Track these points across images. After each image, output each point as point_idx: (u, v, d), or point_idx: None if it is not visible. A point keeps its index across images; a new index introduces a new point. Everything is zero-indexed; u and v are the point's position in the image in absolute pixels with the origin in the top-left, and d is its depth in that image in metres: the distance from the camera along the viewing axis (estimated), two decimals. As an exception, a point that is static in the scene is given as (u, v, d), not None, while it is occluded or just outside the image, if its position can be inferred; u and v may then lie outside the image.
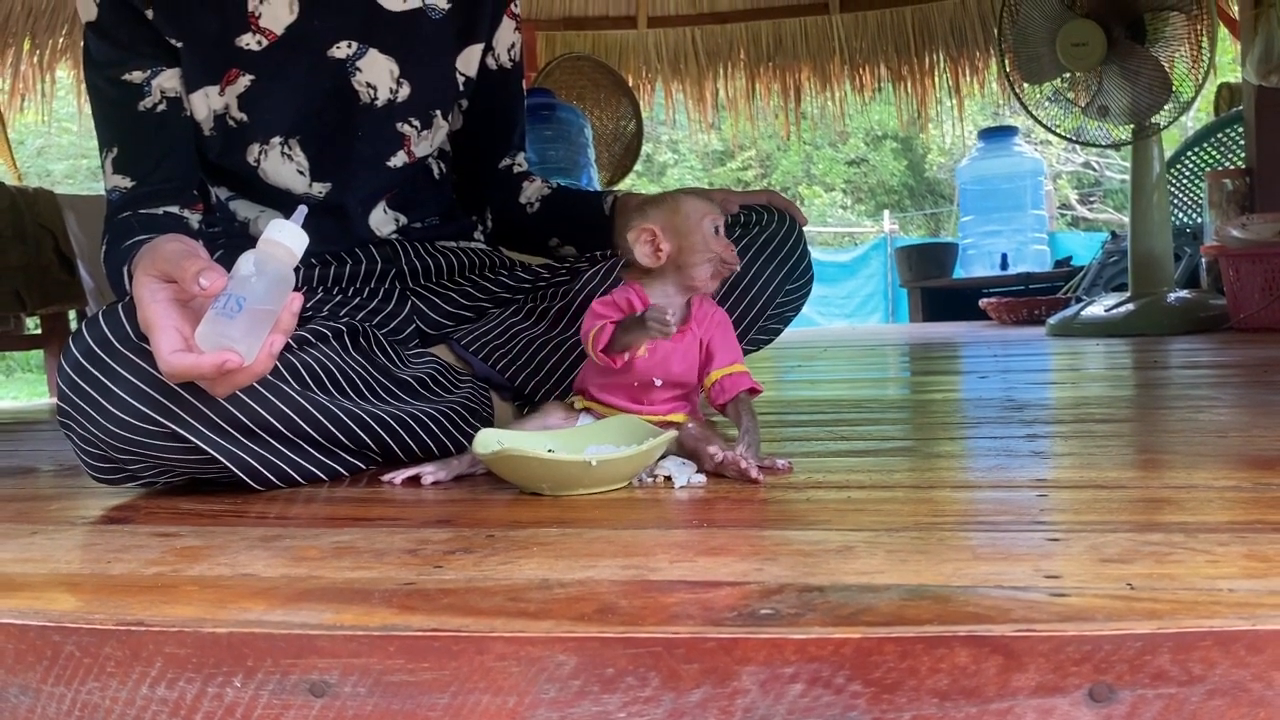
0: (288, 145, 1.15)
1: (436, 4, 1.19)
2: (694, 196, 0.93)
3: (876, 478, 0.86)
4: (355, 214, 1.20)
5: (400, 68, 1.17)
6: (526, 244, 1.38)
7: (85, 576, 0.64)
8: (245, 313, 0.76)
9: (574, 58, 4.74)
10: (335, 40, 1.13)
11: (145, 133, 1.10)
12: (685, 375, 0.92)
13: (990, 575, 0.54)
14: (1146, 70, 2.88)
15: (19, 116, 4.43)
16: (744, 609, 0.50)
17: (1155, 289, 3.03)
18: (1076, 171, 14.30)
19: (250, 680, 0.50)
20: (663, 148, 14.35)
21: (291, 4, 1.11)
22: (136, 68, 1.08)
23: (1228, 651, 0.44)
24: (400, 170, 1.21)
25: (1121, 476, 0.81)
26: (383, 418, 1.00)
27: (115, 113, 1.10)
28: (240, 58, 1.11)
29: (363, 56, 1.15)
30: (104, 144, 1.11)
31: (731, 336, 0.93)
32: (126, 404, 0.84)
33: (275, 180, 1.16)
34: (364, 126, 1.17)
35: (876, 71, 5.23)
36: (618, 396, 0.93)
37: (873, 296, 9.65)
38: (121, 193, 1.09)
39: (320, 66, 1.14)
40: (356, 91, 1.15)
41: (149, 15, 1.07)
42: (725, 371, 0.91)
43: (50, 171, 11.86)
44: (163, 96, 1.09)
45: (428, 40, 1.19)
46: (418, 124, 1.20)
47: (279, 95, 1.12)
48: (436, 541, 0.69)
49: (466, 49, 1.23)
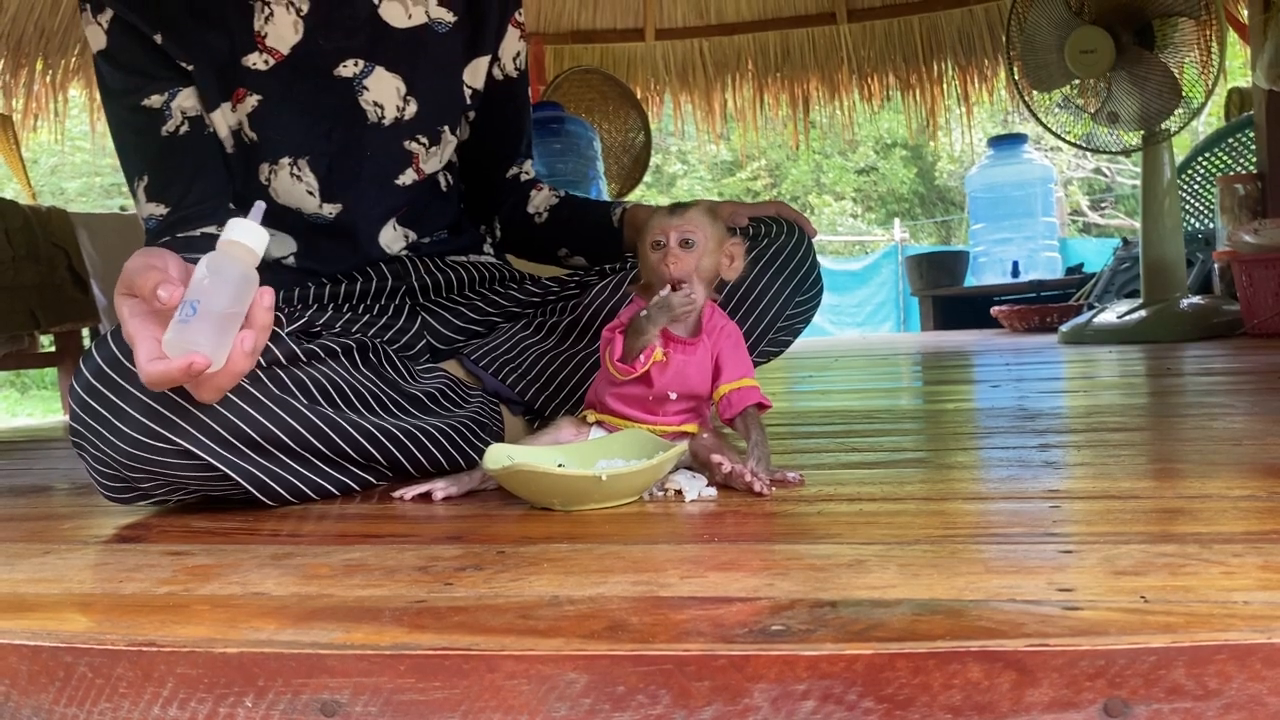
0: (296, 166, 1.14)
1: (442, 17, 1.19)
2: (662, 212, 0.94)
3: (888, 490, 0.85)
4: (365, 233, 1.20)
5: (407, 85, 1.17)
6: (535, 254, 1.38)
7: (98, 596, 0.64)
8: (202, 316, 0.75)
9: (582, 71, 4.76)
10: (341, 59, 1.13)
11: (173, 157, 1.10)
12: (700, 387, 0.92)
13: (1003, 589, 0.53)
14: (1155, 76, 2.88)
15: (32, 136, 4.47)
16: (755, 625, 0.50)
17: (1168, 295, 3.02)
18: (1088, 177, 14.27)
19: (261, 700, 0.50)
20: (672, 159, 14.38)
21: (296, 24, 1.11)
22: (154, 91, 1.09)
23: (1243, 665, 0.44)
24: (410, 188, 1.21)
25: (1135, 486, 0.81)
26: (393, 432, 1.00)
27: (141, 140, 1.11)
28: (248, 77, 1.11)
29: (369, 75, 1.15)
30: (134, 173, 1.11)
31: (741, 350, 0.93)
32: (138, 422, 0.85)
33: (286, 200, 1.16)
34: (372, 145, 1.17)
35: (885, 80, 5.24)
36: (632, 408, 0.93)
37: (884, 305, 9.63)
38: (158, 220, 1.10)
39: (327, 86, 1.14)
40: (364, 110, 1.15)
41: (157, 40, 1.08)
42: (733, 386, 0.91)
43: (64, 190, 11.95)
44: (184, 117, 1.10)
45: (434, 55, 1.19)
46: (425, 141, 1.20)
47: (286, 115, 1.13)
48: (447, 558, 0.69)
49: (474, 61, 1.23)
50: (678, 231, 0.90)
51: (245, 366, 0.79)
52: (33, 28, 4.09)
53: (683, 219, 0.91)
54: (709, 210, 0.94)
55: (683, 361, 0.90)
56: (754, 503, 0.83)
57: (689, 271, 0.90)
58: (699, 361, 0.91)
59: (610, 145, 4.65)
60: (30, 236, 2.94)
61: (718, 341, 0.92)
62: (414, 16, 1.17)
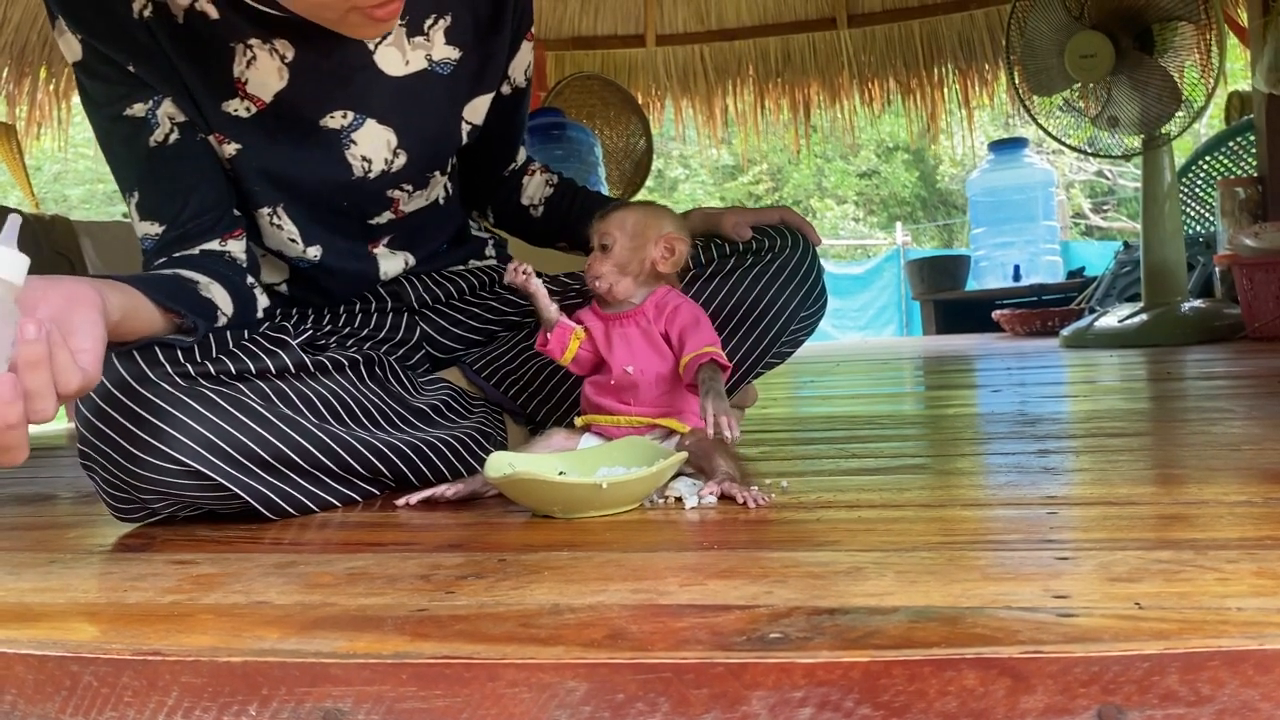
0: (276, 214, 1.08)
1: (447, 57, 1.09)
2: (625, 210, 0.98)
3: (887, 496, 0.86)
4: (354, 269, 1.16)
5: (399, 137, 1.08)
6: (533, 242, 1.34)
7: (103, 606, 0.65)
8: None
9: (583, 77, 4.77)
10: (329, 109, 1.04)
11: (164, 170, 1.01)
12: (657, 363, 0.96)
13: (999, 596, 0.54)
14: (1155, 80, 2.88)
15: (36, 143, 4.48)
16: (753, 633, 0.50)
17: (1169, 299, 3.02)
18: (1090, 180, 14.28)
19: (265, 709, 0.51)
20: (674, 163, 14.39)
21: (281, 70, 1.01)
22: (137, 100, 0.99)
23: (1236, 671, 0.44)
24: (384, 225, 1.16)
25: (1132, 493, 0.81)
26: (398, 446, 1.01)
27: (128, 152, 1.02)
28: (227, 125, 1.02)
29: (359, 128, 1.06)
30: (126, 188, 1.03)
31: (701, 325, 0.96)
32: (147, 444, 0.85)
33: (268, 244, 1.11)
34: (352, 198, 1.11)
35: (885, 85, 5.25)
36: (605, 397, 0.97)
37: (887, 309, 9.62)
38: (154, 240, 1.02)
39: (311, 137, 1.05)
40: (350, 164, 1.07)
41: (131, 69, 0.99)
42: (693, 354, 0.94)
43: (67, 197, 11.99)
44: (173, 124, 1.01)
45: (433, 100, 1.10)
46: (410, 188, 1.14)
47: (267, 166, 1.05)
48: (449, 566, 0.69)
49: (477, 99, 1.15)
50: (598, 236, 0.98)
51: (12, 416, 0.63)
52: (36, 36, 4.11)
53: (604, 223, 0.98)
54: (641, 211, 0.99)
55: (622, 335, 0.96)
56: (753, 509, 0.83)
57: (603, 271, 0.97)
58: (644, 331, 0.96)
59: (612, 151, 4.66)
60: (34, 246, 2.95)
61: (672, 318, 0.96)
62: (412, 63, 1.07)
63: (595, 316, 0.99)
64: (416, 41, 1.07)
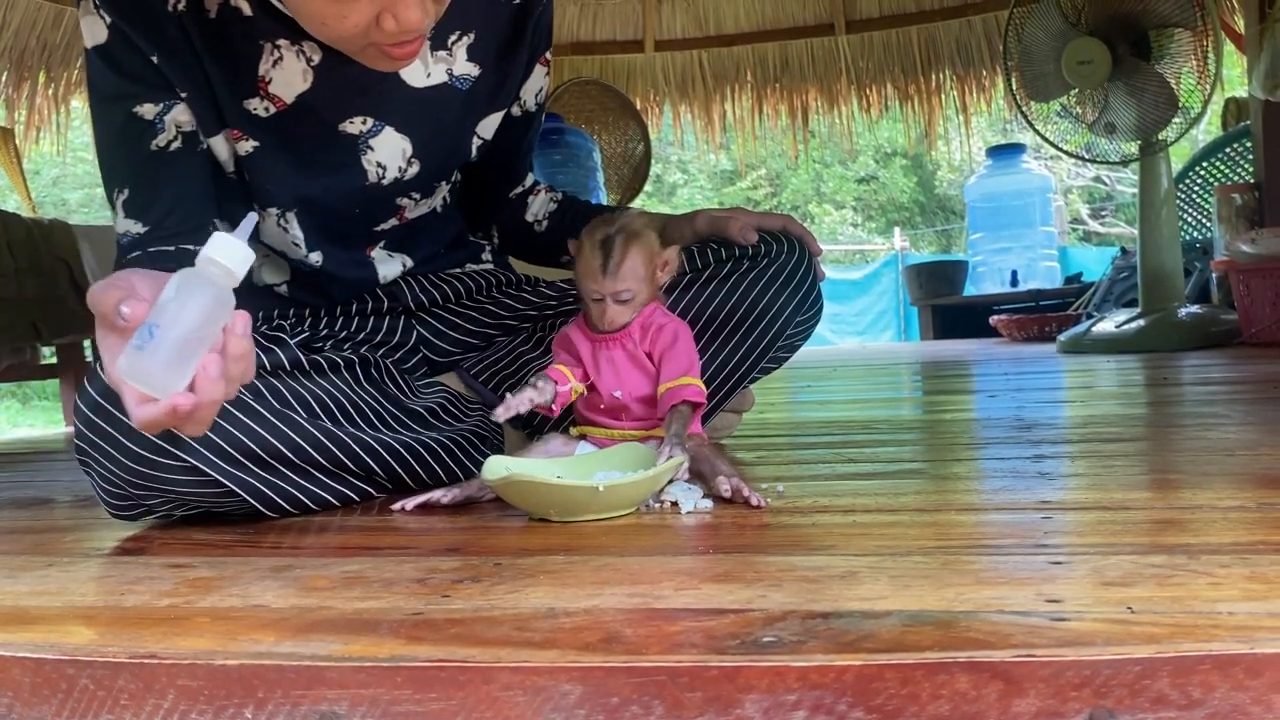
0: (284, 218, 1.09)
1: (467, 73, 1.10)
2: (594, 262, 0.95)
3: (883, 501, 0.86)
4: (353, 274, 1.17)
5: (414, 146, 1.10)
6: (537, 259, 1.35)
7: (100, 609, 0.65)
8: (160, 341, 0.68)
9: (582, 82, 4.78)
10: (349, 114, 1.05)
11: (159, 174, 1.01)
12: (641, 387, 0.96)
13: (992, 600, 0.54)
14: (1152, 87, 2.89)
15: (34, 148, 4.48)
16: (747, 637, 0.50)
17: (1166, 304, 3.03)
18: (1088, 186, 14.30)
19: (261, 711, 0.51)
20: (672, 168, 14.40)
21: (306, 72, 1.02)
22: (149, 100, 0.99)
23: (1226, 675, 0.44)
24: (388, 230, 1.17)
25: (1126, 497, 0.81)
26: (393, 445, 1.01)
27: (127, 150, 1.01)
28: (246, 122, 1.03)
29: (377, 134, 1.07)
30: (114, 184, 1.02)
31: (681, 347, 0.96)
32: (144, 440, 0.86)
33: (270, 243, 1.12)
34: (363, 203, 1.11)
35: (883, 91, 5.25)
36: (596, 414, 0.99)
37: (885, 314, 9.64)
38: (133, 237, 1.01)
39: (330, 140, 1.06)
40: (365, 170, 1.08)
41: (154, 60, 0.99)
42: (669, 385, 0.94)
43: (66, 201, 11.98)
44: (178, 132, 1.01)
45: (450, 113, 1.11)
46: (418, 196, 1.15)
47: (282, 166, 1.06)
48: (445, 570, 0.69)
49: (490, 116, 1.16)
50: (613, 295, 0.94)
51: (217, 394, 0.71)
52: (35, 41, 4.11)
53: (616, 280, 0.94)
54: (636, 246, 0.95)
55: (609, 358, 0.97)
56: (749, 514, 0.83)
57: (629, 318, 0.96)
58: (630, 355, 0.96)
59: (610, 156, 4.67)
60: (32, 249, 2.95)
61: (655, 339, 0.96)
62: (434, 75, 1.08)
63: (583, 337, 0.99)
64: (439, 55, 1.07)
